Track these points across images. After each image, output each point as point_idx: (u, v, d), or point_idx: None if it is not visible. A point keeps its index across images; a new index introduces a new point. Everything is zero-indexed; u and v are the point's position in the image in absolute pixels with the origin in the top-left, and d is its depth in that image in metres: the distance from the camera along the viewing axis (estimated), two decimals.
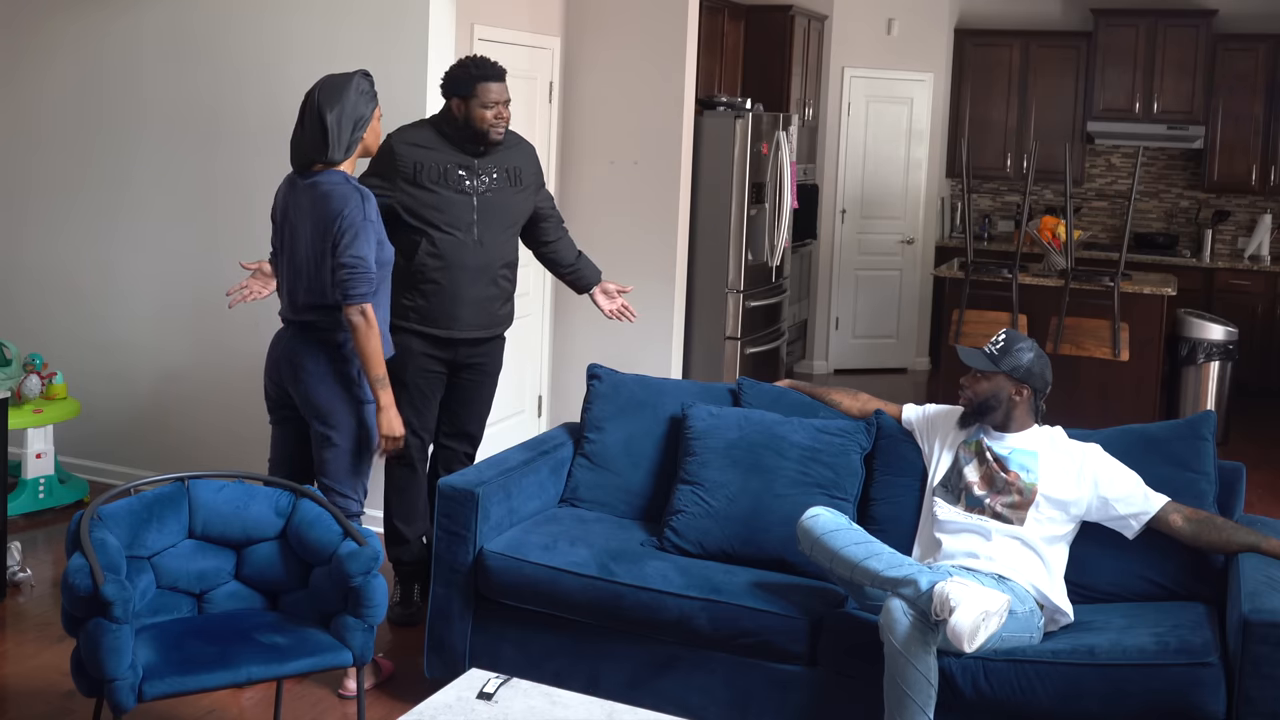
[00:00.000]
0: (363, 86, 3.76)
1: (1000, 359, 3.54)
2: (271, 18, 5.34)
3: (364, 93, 3.76)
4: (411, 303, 4.23)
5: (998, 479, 3.52)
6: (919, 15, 9.31)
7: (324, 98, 3.71)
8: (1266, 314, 8.85)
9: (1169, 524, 3.46)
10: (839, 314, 9.42)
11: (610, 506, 4.06)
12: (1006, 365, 3.53)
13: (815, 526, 3.35)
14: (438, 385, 4.38)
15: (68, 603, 2.99)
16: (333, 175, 3.73)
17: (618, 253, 6.19)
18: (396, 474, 4.42)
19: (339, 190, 3.69)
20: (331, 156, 3.71)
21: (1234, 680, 3.05)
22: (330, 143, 3.70)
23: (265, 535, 3.42)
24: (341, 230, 3.65)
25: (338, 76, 3.78)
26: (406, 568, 4.50)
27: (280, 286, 3.92)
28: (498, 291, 4.34)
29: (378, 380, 3.74)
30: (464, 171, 4.21)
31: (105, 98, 5.73)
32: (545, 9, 6.10)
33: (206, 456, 5.47)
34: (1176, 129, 9.14)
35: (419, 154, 4.19)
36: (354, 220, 3.65)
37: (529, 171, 4.40)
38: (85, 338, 5.86)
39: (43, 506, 5.44)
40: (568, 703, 2.85)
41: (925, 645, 3.10)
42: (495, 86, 4.16)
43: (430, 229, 4.19)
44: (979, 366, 3.56)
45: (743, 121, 6.58)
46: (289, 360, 3.83)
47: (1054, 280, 7.08)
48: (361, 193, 3.71)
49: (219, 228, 5.55)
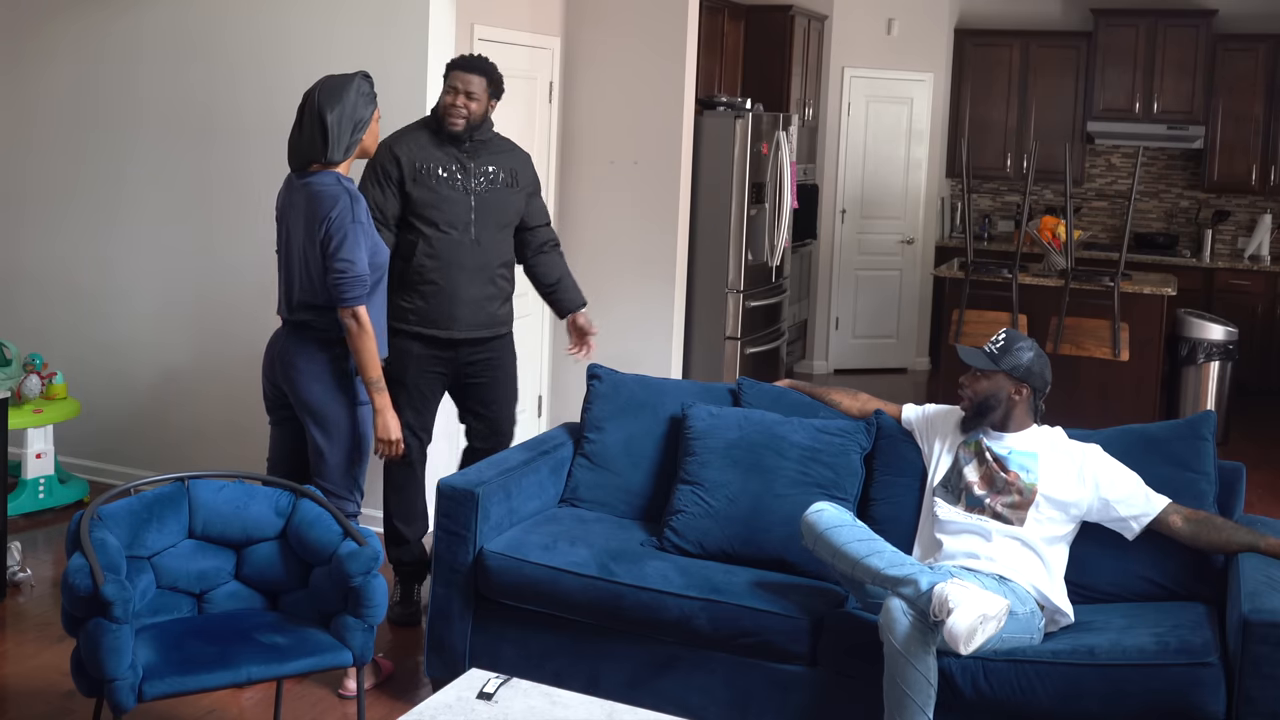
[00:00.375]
0: (363, 88, 3.76)
1: (1000, 358, 3.54)
2: (270, 18, 5.34)
3: (364, 94, 3.76)
4: (410, 304, 4.24)
5: (998, 479, 3.52)
6: (919, 15, 9.31)
7: (324, 98, 3.71)
8: (1266, 314, 8.86)
9: (1169, 525, 3.46)
10: (839, 314, 9.42)
11: (610, 506, 4.06)
12: (1006, 364, 3.53)
13: (819, 521, 3.35)
14: (438, 387, 4.38)
15: (68, 603, 2.99)
16: (325, 176, 3.72)
17: (618, 253, 6.19)
18: (396, 474, 4.41)
19: (329, 191, 3.69)
20: (330, 157, 3.71)
21: (1234, 680, 3.04)
22: (330, 143, 3.70)
23: (265, 535, 3.42)
24: (329, 233, 3.65)
25: (338, 77, 3.78)
26: (407, 568, 4.50)
27: (279, 286, 3.92)
28: (495, 291, 4.34)
29: (373, 383, 3.74)
30: (460, 170, 4.23)
31: (103, 98, 5.73)
32: (545, 9, 6.10)
33: (206, 456, 5.47)
34: (1176, 129, 9.14)
35: (415, 154, 4.20)
36: (342, 222, 3.65)
37: (525, 176, 4.42)
38: (85, 337, 5.86)
39: (43, 506, 5.44)
40: (568, 703, 2.85)
41: (925, 645, 3.10)
42: (461, 75, 4.18)
43: (428, 228, 4.20)
44: (979, 365, 3.56)
45: (743, 121, 6.58)
46: (283, 360, 3.84)
47: (1054, 280, 7.08)
48: (351, 194, 3.71)
49: (217, 227, 5.55)
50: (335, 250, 3.64)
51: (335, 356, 3.79)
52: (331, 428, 3.80)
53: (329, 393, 3.79)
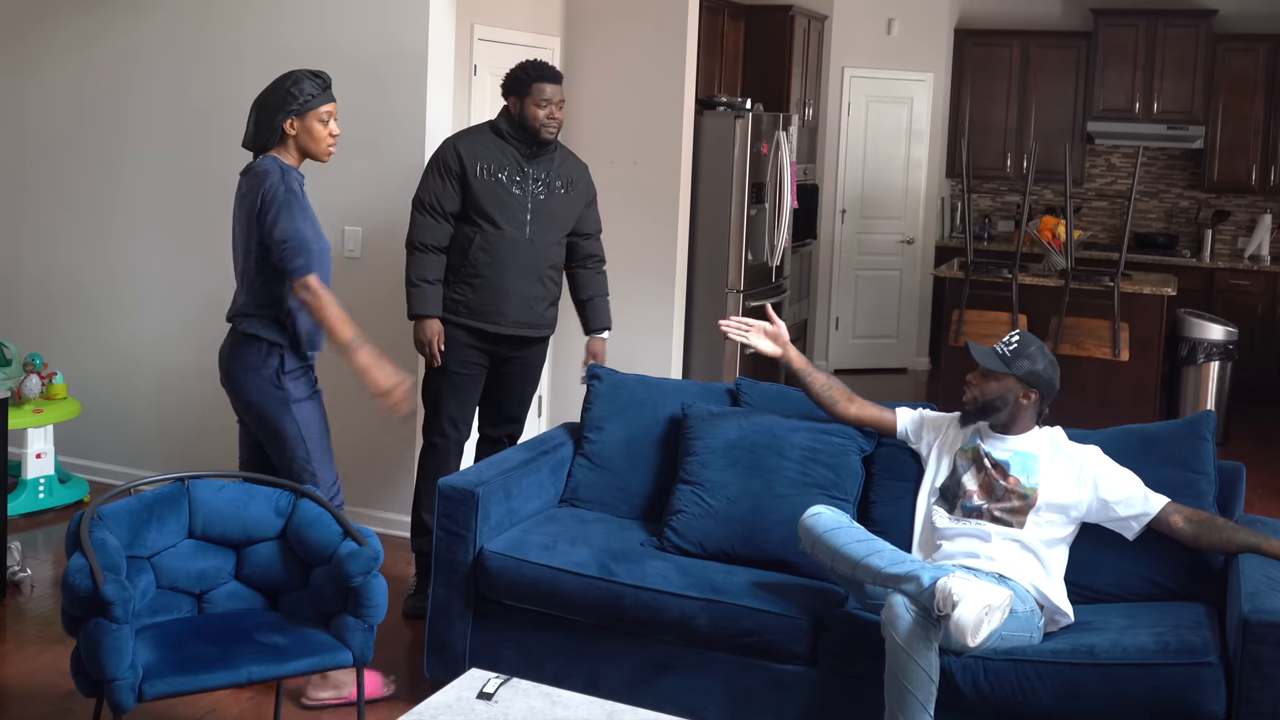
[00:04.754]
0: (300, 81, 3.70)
1: (1012, 361, 3.51)
2: (270, 18, 5.34)
3: (292, 87, 3.69)
4: (461, 296, 4.40)
5: (997, 487, 3.51)
6: (919, 15, 9.31)
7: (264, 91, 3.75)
8: (1266, 314, 8.85)
9: (1169, 525, 3.45)
10: (839, 314, 9.42)
11: (610, 506, 4.06)
12: (1018, 369, 3.50)
13: (816, 525, 3.35)
14: (479, 377, 4.51)
15: (68, 603, 2.99)
16: (265, 160, 3.72)
17: (618, 253, 6.17)
18: (429, 466, 4.50)
19: (260, 166, 3.69)
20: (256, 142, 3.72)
21: (1234, 680, 3.04)
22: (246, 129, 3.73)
23: (265, 535, 3.42)
24: (264, 205, 3.62)
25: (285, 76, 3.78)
26: (426, 559, 4.53)
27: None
28: (544, 291, 4.49)
29: (346, 347, 3.63)
30: (519, 174, 4.39)
31: (105, 99, 5.73)
32: (545, 9, 6.09)
33: (206, 456, 5.46)
34: (1176, 129, 9.14)
35: (478, 153, 4.38)
36: (275, 193, 3.61)
37: (582, 183, 4.57)
38: (85, 337, 5.86)
39: (43, 506, 5.44)
40: (568, 703, 2.85)
41: (927, 641, 3.09)
42: (550, 87, 4.36)
43: (485, 223, 4.36)
44: (991, 366, 3.51)
45: (743, 121, 6.58)
46: (224, 364, 3.84)
47: (1054, 280, 7.08)
48: (283, 169, 3.68)
49: (217, 228, 5.52)
50: (274, 223, 3.60)
51: (264, 357, 3.73)
52: (270, 429, 3.77)
53: (262, 395, 3.75)
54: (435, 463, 4.50)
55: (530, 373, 4.64)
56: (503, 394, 4.61)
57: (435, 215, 4.36)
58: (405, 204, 4.61)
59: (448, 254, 4.40)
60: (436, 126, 5.08)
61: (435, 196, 4.36)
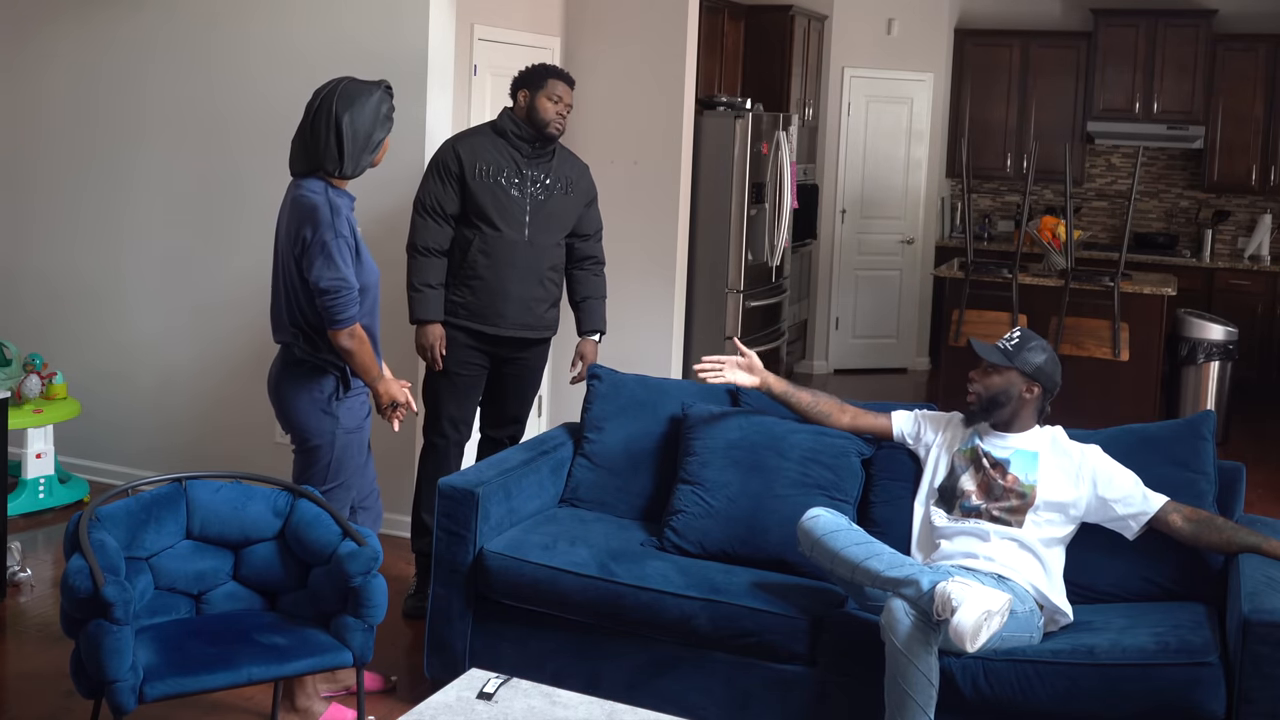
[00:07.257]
0: (384, 107, 3.58)
1: (1015, 355, 3.52)
2: (270, 18, 5.34)
3: (384, 114, 3.58)
4: (460, 298, 4.41)
5: (995, 487, 3.51)
6: (919, 15, 9.30)
7: (341, 104, 3.51)
8: (1266, 314, 8.85)
9: (1169, 524, 3.45)
10: (839, 314, 9.42)
11: (610, 506, 4.06)
12: (1020, 362, 3.51)
13: (815, 528, 3.34)
14: (479, 378, 4.52)
15: (68, 604, 2.98)
16: (314, 183, 3.55)
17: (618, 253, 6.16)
18: (429, 466, 4.51)
19: (307, 201, 3.50)
20: (343, 171, 3.54)
21: (1234, 680, 3.04)
22: (344, 156, 3.52)
23: (263, 535, 3.42)
24: (308, 247, 3.47)
25: (359, 84, 3.59)
26: (427, 560, 4.52)
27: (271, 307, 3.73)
28: (544, 293, 4.50)
29: (374, 380, 3.66)
30: (519, 173, 4.39)
31: (108, 100, 5.73)
32: (545, 9, 6.09)
33: (206, 457, 5.47)
34: (1176, 129, 9.14)
35: (477, 154, 4.37)
36: (323, 236, 3.45)
37: (582, 184, 4.57)
38: (85, 337, 5.86)
39: (43, 506, 5.44)
40: (568, 703, 2.85)
41: (927, 645, 3.09)
42: (563, 86, 4.41)
43: (484, 225, 4.36)
44: (993, 360, 3.53)
45: (743, 121, 6.58)
46: (273, 379, 3.71)
47: (1054, 280, 7.08)
48: (333, 207, 3.51)
49: (218, 228, 5.55)
50: (322, 269, 3.45)
51: (319, 379, 3.62)
52: (304, 450, 3.68)
53: (308, 416, 3.63)
54: (435, 463, 4.51)
55: (531, 374, 4.65)
56: (504, 395, 4.61)
57: (436, 218, 4.36)
58: (405, 205, 4.62)
59: (447, 256, 4.41)
60: (436, 127, 5.09)
61: (436, 199, 4.36)
